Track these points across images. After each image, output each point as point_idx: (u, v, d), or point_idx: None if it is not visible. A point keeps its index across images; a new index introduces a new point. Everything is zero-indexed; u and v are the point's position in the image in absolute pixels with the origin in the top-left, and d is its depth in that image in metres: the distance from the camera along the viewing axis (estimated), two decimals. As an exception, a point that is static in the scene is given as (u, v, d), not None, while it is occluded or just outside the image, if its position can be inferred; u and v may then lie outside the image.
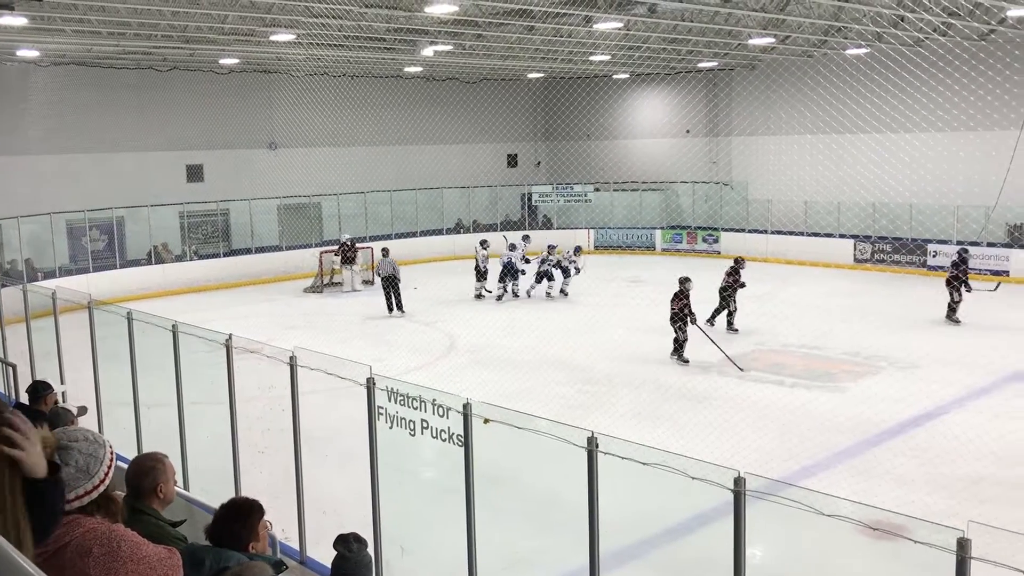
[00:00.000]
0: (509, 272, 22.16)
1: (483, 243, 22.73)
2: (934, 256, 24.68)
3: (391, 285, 20.57)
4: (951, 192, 24.87)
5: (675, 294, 15.66)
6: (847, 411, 12.30)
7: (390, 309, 20.62)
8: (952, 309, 17.74)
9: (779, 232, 28.47)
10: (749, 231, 29.14)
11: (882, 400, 12.72)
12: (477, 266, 22.24)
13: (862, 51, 24.34)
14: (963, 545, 3.82)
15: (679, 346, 15.47)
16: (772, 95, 29.18)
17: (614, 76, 32.33)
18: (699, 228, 30.51)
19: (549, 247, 23.10)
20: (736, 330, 17.68)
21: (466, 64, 27.17)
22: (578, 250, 23.33)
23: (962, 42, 22.04)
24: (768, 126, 29.60)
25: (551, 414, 11.65)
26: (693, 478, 4.46)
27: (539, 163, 36.33)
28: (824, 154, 27.33)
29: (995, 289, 18.30)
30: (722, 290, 17.83)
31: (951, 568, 3.99)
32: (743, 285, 17.92)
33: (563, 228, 31.62)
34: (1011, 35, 22.05)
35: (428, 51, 22.53)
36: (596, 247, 31.08)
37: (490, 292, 22.24)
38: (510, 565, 8.01)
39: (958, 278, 17.71)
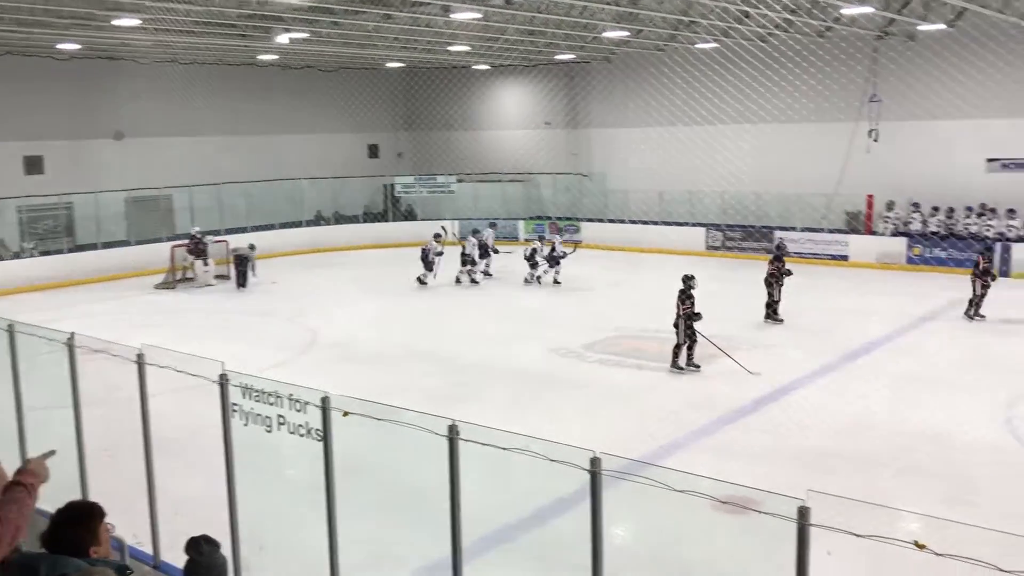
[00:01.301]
0: (465, 259, 22.89)
1: (436, 236, 22.99)
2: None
3: (241, 262, 22.35)
4: (794, 181, 26.23)
5: (681, 293, 14.34)
6: (704, 391, 12.79)
7: (239, 284, 22.47)
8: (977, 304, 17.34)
9: (636, 221, 29.26)
10: (608, 221, 29.83)
11: (736, 379, 13.28)
12: (426, 256, 22.43)
13: (710, 45, 25.26)
14: (803, 513, 4.03)
15: (686, 350, 14.11)
16: (628, 88, 29.95)
17: (474, 67, 32.42)
18: (560, 219, 31.01)
19: (540, 238, 23.57)
20: (781, 320, 17.16)
21: (323, 52, 26.64)
22: (561, 231, 23.54)
23: (802, 39, 23.22)
24: (625, 118, 30.35)
25: (420, 406, 11.58)
26: (552, 460, 4.52)
27: (401, 154, 36.05)
28: (677, 145, 28.26)
29: None
30: (768, 279, 17.33)
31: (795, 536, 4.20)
32: (789, 273, 17.35)
33: (427, 219, 31.50)
34: (845, 32, 23.37)
35: (283, 38, 21.95)
36: (461, 238, 31.08)
37: (424, 284, 22.32)
38: (377, 559, 7.93)
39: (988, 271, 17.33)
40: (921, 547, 3.91)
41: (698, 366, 14.12)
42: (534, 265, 22.42)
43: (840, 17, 21.69)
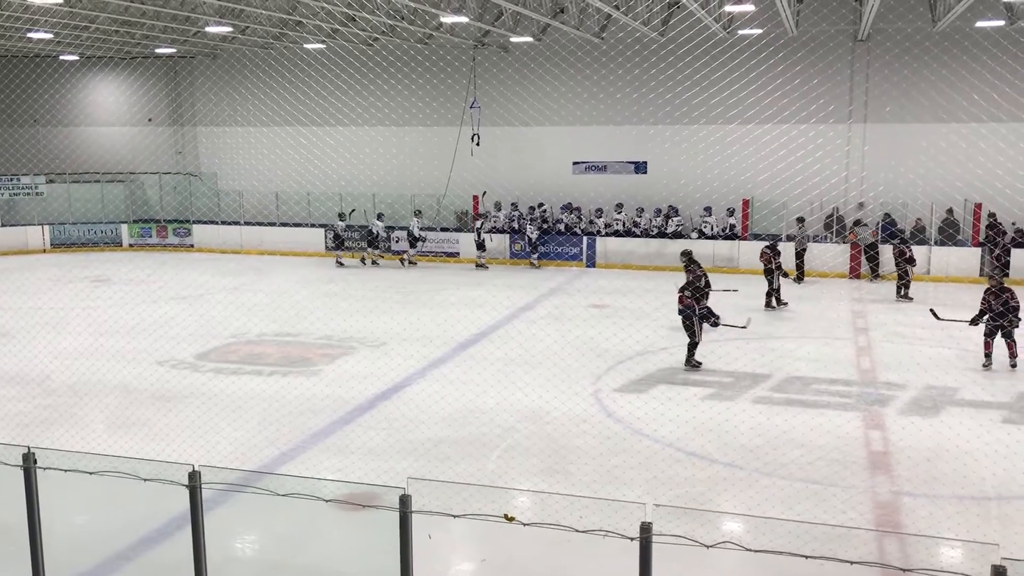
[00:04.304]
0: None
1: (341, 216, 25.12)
2: (396, 242, 26.68)
3: None
4: (409, 182, 27.21)
5: (700, 285, 13.60)
6: (323, 393, 12.78)
7: None
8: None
9: (252, 223, 28.50)
10: (222, 223, 28.72)
11: (354, 379, 13.45)
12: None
13: (319, 46, 25.33)
14: (404, 501, 4.18)
15: (694, 348, 13.64)
16: (237, 86, 29.08)
17: (61, 57, 29.46)
18: (169, 221, 29.28)
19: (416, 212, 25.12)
20: (786, 303, 18.46)
21: None
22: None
23: (406, 45, 24.10)
24: (234, 117, 29.43)
25: (5, 436, 10.30)
26: (145, 480, 4.24)
27: (-25, 152, 31.73)
28: (291, 146, 28.02)
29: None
30: (766, 272, 18.42)
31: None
32: (780, 267, 18.32)
33: (10, 225, 28.09)
34: (446, 41, 24.67)
35: None
36: (53, 245, 28.16)
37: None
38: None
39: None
40: (510, 519, 4.24)
41: (699, 364, 13.83)
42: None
43: (440, 26, 22.84)
